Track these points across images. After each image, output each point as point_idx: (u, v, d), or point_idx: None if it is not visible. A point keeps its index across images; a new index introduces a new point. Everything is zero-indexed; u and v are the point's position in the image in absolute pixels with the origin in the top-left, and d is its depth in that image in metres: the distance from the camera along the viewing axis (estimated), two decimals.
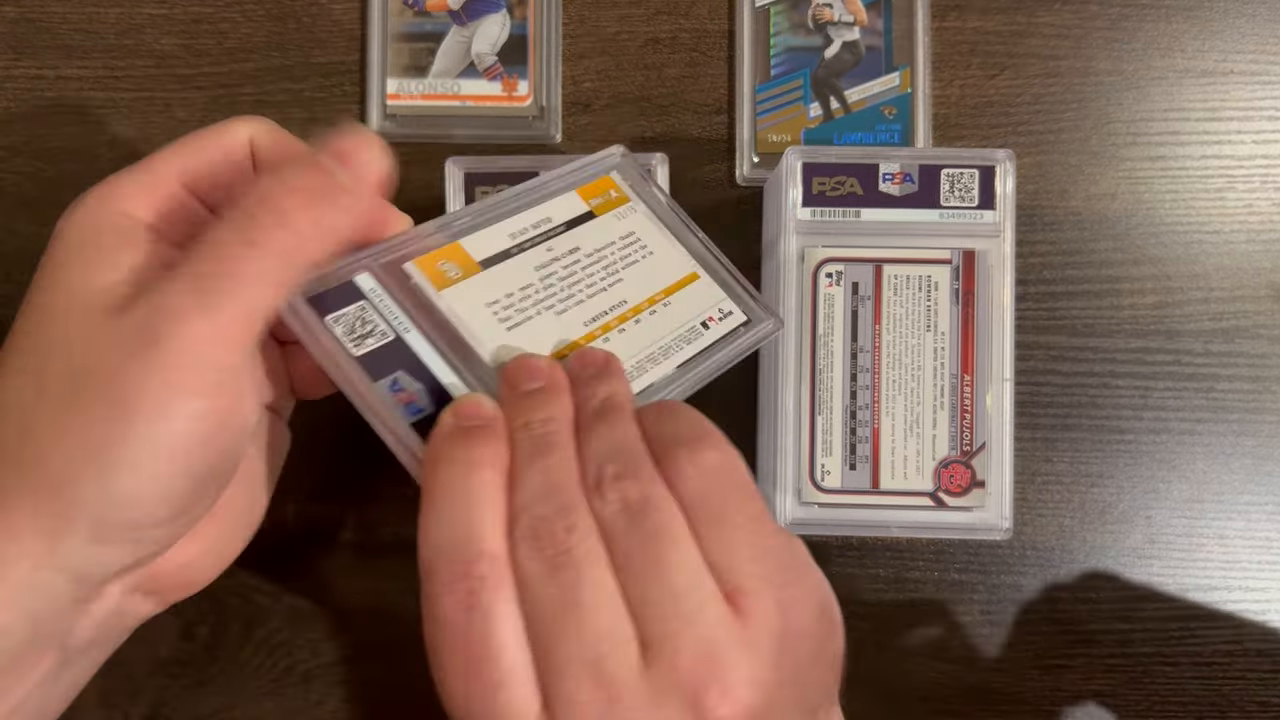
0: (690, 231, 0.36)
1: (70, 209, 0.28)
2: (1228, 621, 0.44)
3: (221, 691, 0.43)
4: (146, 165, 0.29)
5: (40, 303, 0.27)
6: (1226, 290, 0.44)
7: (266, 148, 0.31)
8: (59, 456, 0.25)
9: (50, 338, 0.26)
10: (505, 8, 0.44)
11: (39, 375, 0.26)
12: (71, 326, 0.26)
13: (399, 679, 0.44)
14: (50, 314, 0.27)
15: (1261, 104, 0.45)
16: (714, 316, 0.35)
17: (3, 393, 0.27)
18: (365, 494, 0.44)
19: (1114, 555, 0.44)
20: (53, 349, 0.26)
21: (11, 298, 0.44)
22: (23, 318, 0.27)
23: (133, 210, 0.28)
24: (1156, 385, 0.44)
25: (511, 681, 0.25)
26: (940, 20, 0.45)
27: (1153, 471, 0.44)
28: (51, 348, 0.26)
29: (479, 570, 0.25)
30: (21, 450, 0.26)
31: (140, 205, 0.28)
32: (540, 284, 0.33)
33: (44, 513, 0.25)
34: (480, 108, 0.44)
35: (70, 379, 0.25)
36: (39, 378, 0.26)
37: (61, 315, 0.26)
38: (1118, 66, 0.45)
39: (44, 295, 0.27)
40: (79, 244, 0.27)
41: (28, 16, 0.44)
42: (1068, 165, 0.45)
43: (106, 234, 0.27)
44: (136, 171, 0.29)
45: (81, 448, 0.25)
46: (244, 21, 0.44)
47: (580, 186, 0.35)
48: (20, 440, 0.26)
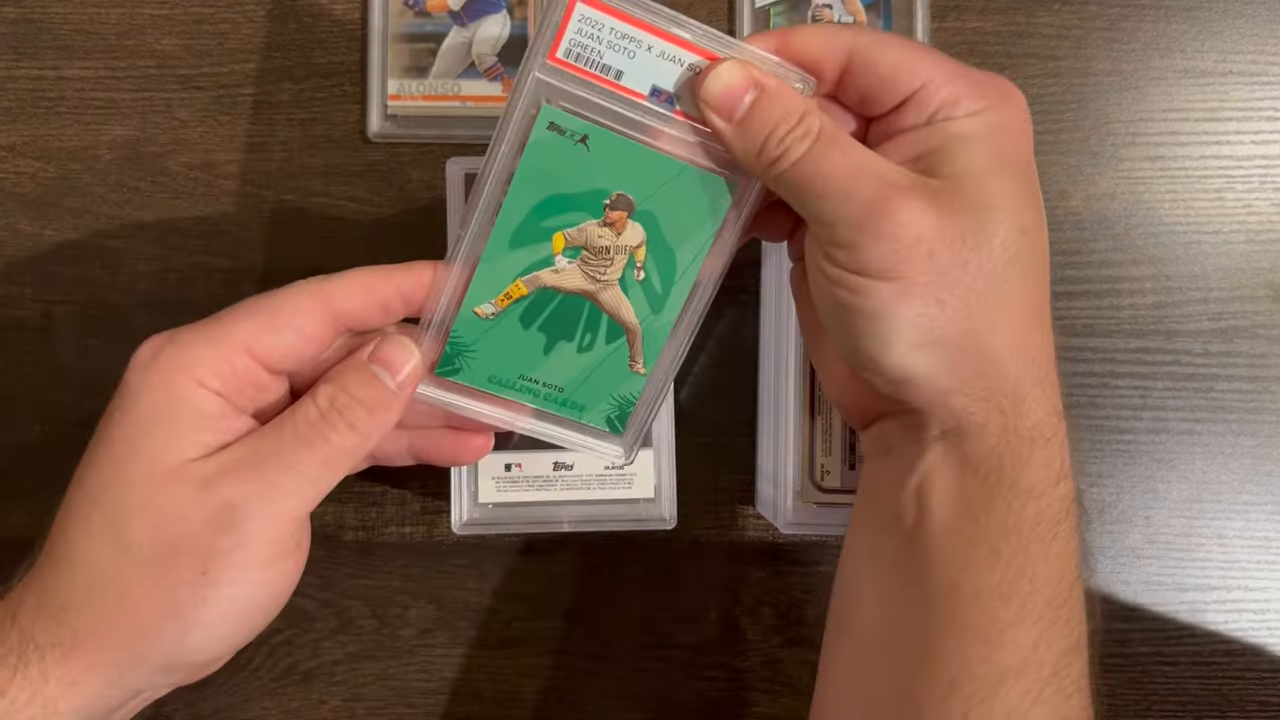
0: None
1: (139, 366, 0.30)
2: (1227, 621, 0.44)
3: (222, 691, 0.43)
4: (218, 332, 0.31)
5: (116, 466, 0.30)
6: (1225, 290, 0.44)
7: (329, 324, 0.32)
8: (146, 612, 0.29)
9: (132, 505, 0.30)
10: (505, 8, 0.44)
11: (120, 537, 0.29)
12: (158, 498, 0.29)
13: (399, 679, 0.44)
14: (131, 482, 0.30)
15: (1260, 104, 0.45)
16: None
17: (77, 546, 0.30)
18: (365, 494, 0.44)
19: (1113, 555, 0.44)
20: (136, 516, 0.29)
21: (12, 298, 0.44)
22: (93, 475, 0.30)
23: (206, 379, 0.30)
24: (1156, 385, 0.44)
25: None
26: (940, 20, 0.45)
27: (1152, 471, 0.44)
28: (135, 515, 0.29)
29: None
30: (102, 601, 0.29)
31: (210, 374, 0.30)
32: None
33: (123, 656, 0.30)
34: (481, 108, 0.44)
35: (161, 552, 0.29)
36: (121, 539, 0.29)
37: (143, 484, 0.30)
38: (1117, 67, 0.45)
39: (121, 460, 0.30)
40: (157, 414, 0.30)
41: (29, 17, 0.44)
42: (1067, 165, 0.45)
43: (184, 406, 0.30)
44: (209, 338, 0.31)
45: (166, 608, 0.29)
46: (245, 22, 0.44)
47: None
48: (100, 592, 0.29)
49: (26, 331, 0.44)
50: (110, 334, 0.44)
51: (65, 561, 0.30)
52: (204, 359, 0.30)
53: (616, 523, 0.41)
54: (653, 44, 0.30)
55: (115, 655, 0.30)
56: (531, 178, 0.31)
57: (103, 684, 0.30)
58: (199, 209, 0.44)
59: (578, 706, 0.44)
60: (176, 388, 0.30)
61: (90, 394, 0.44)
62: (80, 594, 0.30)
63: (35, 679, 0.29)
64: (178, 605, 0.29)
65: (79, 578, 0.30)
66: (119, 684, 0.30)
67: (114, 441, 0.30)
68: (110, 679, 0.30)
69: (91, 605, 0.29)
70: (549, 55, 0.30)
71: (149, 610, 0.29)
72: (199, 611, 0.29)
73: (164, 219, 0.44)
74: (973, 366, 0.29)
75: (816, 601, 0.44)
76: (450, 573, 0.44)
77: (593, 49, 0.30)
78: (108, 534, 0.30)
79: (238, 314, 0.31)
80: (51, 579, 0.30)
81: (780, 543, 0.44)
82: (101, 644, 0.29)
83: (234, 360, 0.31)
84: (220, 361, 0.30)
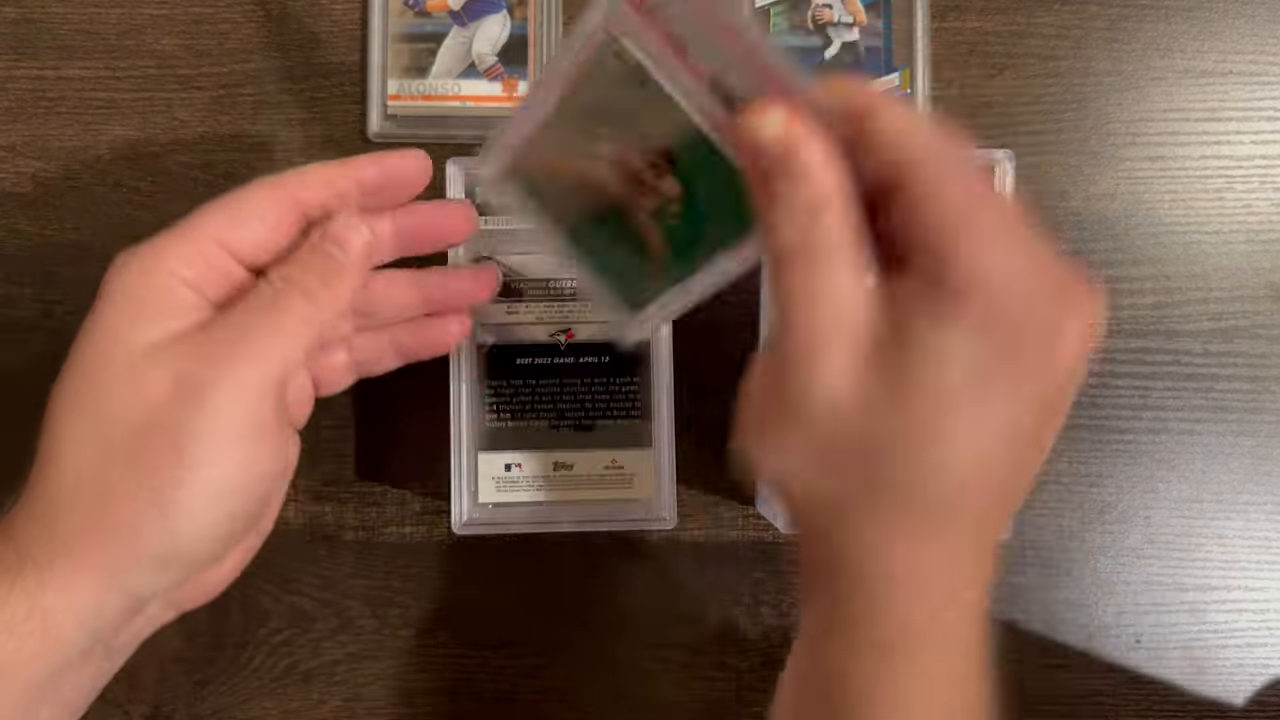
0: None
1: (116, 267, 0.31)
2: (1227, 621, 0.44)
3: (222, 691, 0.43)
4: (187, 228, 0.32)
5: (90, 353, 0.30)
6: (1225, 290, 0.44)
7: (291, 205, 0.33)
8: (126, 503, 0.29)
9: (106, 390, 0.30)
10: (506, 8, 0.44)
11: (99, 424, 0.30)
12: (130, 380, 0.30)
13: (399, 679, 0.44)
14: (103, 364, 0.30)
15: (1260, 104, 0.45)
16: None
17: (61, 441, 0.30)
18: (365, 494, 0.44)
19: (1113, 555, 0.44)
20: (112, 401, 0.30)
21: (12, 298, 0.44)
22: (73, 369, 0.30)
23: (178, 270, 0.31)
24: (1156, 385, 0.44)
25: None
26: (940, 21, 0.45)
27: (1152, 471, 0.44)
28: (110, 401, 0.30)
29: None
30: (86, 498, 0.29)
31: (183, 265, 0.31)
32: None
33: (111, 552, 0.29)
34: (481, 108, 0.44)
35: (133, 436, 0.29)
36: (99, 427, 0.30)
37: (118, 370, 0.30)
38: (1117, 67, 0.45)
39: (93, 346, 0.30)
40: (126, 299, 0.31)
41: (28, 17, 0.44)
42: (1067, 166, 0.45)
43: (153, 291, 0.31)
44: (180, 234, 0.32)
45: (146, 495, 0.29)
46: (244, 22, 0.44)
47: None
48: (83, 489, 0.29)
49: (26, 331, 0.44)
50: None
51: (51, 463, 0.30)
52: (177, 253, 0.31)
53: (616, 523, 0.41)
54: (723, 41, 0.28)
55: (103, 552, 0.29)
56: (585, 92, 0.30)
57: (95, 587, 0.29)
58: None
59: (578, 706, 0.44)
60: (151, 279, 0.31)
61: None
62: (66, 495, 0.30)
63: (32, 590, 0.29)
64: (157, 491, 0.29)
65: (65, 479, 0.30)
66: (113, 587, 0.30)
67: (90, 334, 0.31)
68: (102, 582, 0.30)
69: (75, 505, 0.30)
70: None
71: (129, 501, 0.29)
72: (177, 494, 0.29)
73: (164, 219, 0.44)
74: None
75: None
76: (450, 573, 0.44)
77: (673, 10, 0.28)
78: (88, 424, 0.30)
79: (205, 210, 0.32)
80: (39, 487, 0.30)
81: (780, 543, 0.44)
82: (89, 544, 0.29)
83: (205, 252, 0.31)
84: (193, 253, 0.31)
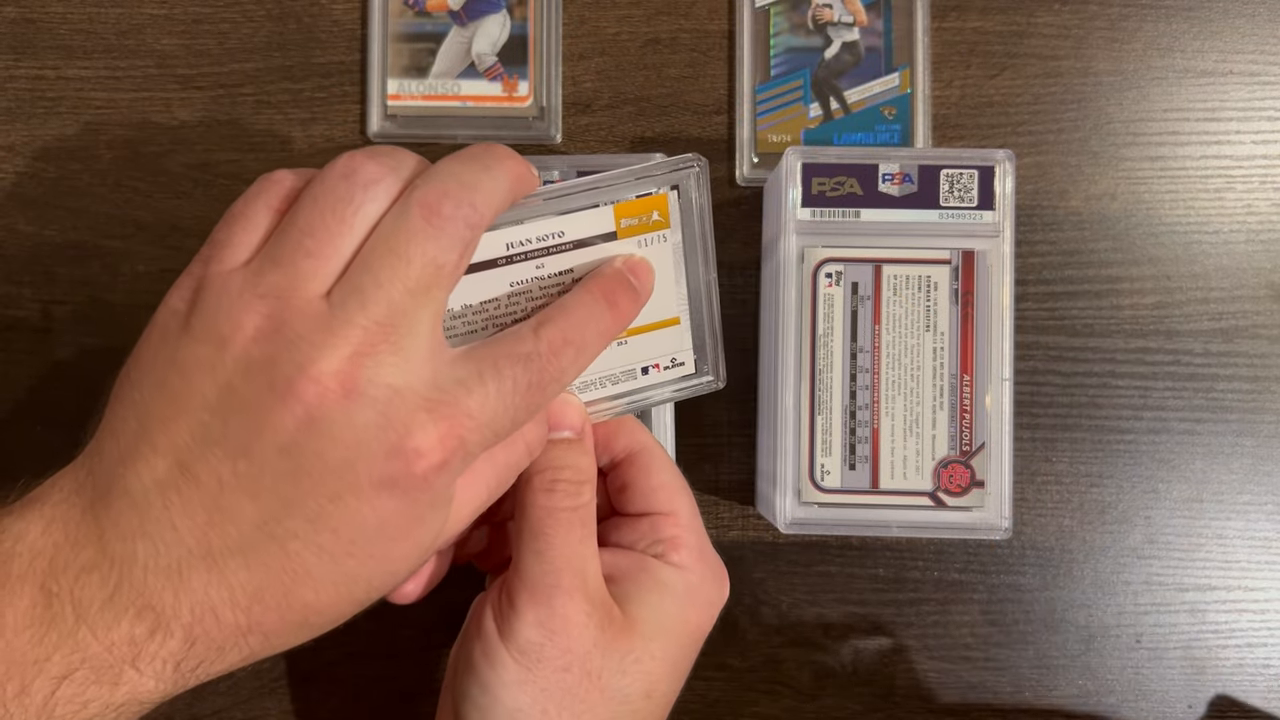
0: (704, 268, 0.33)
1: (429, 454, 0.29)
2: (1227, 621, 0.44)
3: (221, 691, 0.43)
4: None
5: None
6: (1226, 290, 0.44)
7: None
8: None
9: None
10: (505, 8, 0.44)
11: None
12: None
13: (399, 679, 0.44)
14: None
15: (1260, 104, 0.45)
16: (660, 364, 0.34)
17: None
18: None
19: (1113, 555, 0.44)
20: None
21: (12, 298, 0.44)
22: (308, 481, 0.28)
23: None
24: (1156, 385, 0.44)
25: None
26: (940, 20, 0.45)
27: (1152, 471, 0.44)
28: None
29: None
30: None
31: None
32: (505, 302, 0.31)
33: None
34: (480, 108, 0.44)
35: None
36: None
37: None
38: (1117, 66, 0.45)
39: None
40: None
41: (28, 17, 0.44)
42: (1067, 165, 0.45)
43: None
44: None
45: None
46: (244, 22, 0.44)
47: (624, 202, 0.32)
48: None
49: (26, 331, 0.44)
50: (110, 334, 0.44)
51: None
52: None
53: None
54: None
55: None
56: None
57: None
58: (199, 209, 0.44)
59: None
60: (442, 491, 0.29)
61: (90, 394, 0.44)
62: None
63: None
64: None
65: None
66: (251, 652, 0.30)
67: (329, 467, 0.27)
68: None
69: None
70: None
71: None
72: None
73: (164, 219, 0.44)
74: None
75: (817, 601, 0.44)
76: (450, 573, 0.44)
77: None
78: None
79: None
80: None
81: (780, 543, 0.44)
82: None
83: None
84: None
